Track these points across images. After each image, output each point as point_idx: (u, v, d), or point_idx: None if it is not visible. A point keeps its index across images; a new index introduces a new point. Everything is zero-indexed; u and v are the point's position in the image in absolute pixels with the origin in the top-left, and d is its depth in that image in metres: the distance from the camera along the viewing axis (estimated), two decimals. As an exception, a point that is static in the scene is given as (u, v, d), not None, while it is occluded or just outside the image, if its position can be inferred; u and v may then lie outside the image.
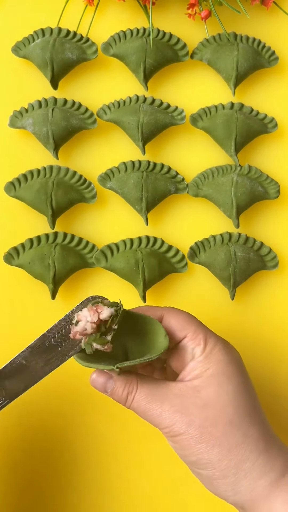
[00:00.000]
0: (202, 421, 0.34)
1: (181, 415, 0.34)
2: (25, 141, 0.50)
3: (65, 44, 0.49)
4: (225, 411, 0.34)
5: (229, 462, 0.33)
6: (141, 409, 0.35)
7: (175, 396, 0.35)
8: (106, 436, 0.47)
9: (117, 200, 0.49)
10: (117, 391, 0.36)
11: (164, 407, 0.34)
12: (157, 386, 0.36)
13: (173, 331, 0.37)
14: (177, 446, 0.35)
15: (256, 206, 0.50)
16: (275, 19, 0.53)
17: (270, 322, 0.49)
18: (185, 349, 0.36)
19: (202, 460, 0.34)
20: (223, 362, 0.36)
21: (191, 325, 0.37)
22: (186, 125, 0.50)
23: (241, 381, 0.36)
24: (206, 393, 0.35)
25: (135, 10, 0.52)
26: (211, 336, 0.37)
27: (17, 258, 0.47)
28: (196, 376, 0.35)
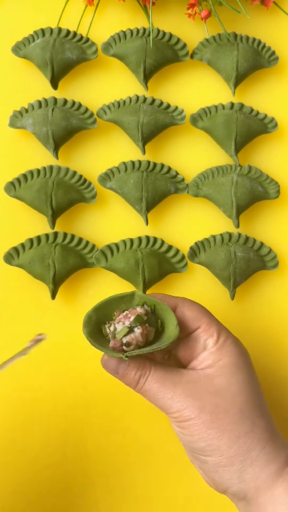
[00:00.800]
0: (213, 407, 0.34)
1: (193, 399, 0.35)
2: (25, 141, 0.50)
3: (65, 44, 0.49)
4: (236, 400, 0.35)
5: (238, 448, 0.34)
6: (152, 392, 0.36)
7: (187, 382, 0.35)
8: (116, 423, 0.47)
9: (117, 200, 0.49)
10: (130, 374, 0.36)
11: (176, 390, 0.35)
12: (170, 370, 0.36)
13: (186, 321, 0.37)
14: (186, 431, 0.35)
15: (256, 206, 0.50)
16: (275, 19, 0.53)
17: (270, 322, 0.49)
18: (197, 340, 0.37)
19: (211, 446, 0.34)
20: (234, 353, 0.37)
21: (205, 317, 0.38)
22: (186, 125, 0.50)
23: (250, 373, 0.37)
24: (218, 381, 0.35)
25: (135, 10, 0.52)
26: (223, 329, 0.38)
27: (17, 258, 0.47)
28: (209, 365, 0.36)
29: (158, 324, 0.37)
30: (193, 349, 0.37)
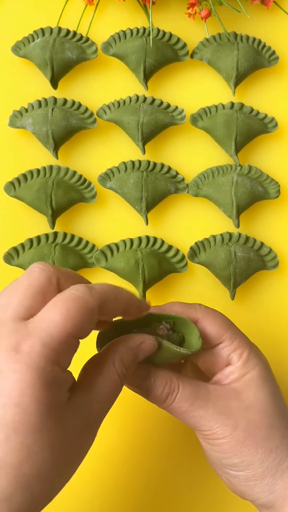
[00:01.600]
0: (246, 424, 0.34)
1: (226, 417, 0.33)
2: (25, 141, 0.50)
3: (65, 44, 0.49)
4: (266, 414, 0.34)
5: (270, 463, 0.34)
6: (182, 411, 0.34)
7: (217, 398, 0.34)
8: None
9: (117, 200, 0.49)
10: (156, 390, 0.34)
11: (207, 409, 0.34)
12: (198, 386, 0.35)
13: (209, 336, 0.36)
14: (217, 448, 0.34)
15: (256, 206, 0.50)
16: (275, 19, 0.53)
17: (271, 322, 0.49)
18: (219, 355, 0.36)
19: (245, 462, 0.34)
20: (258, 366, 0.36)
21: (227, 331, 0.36)
22: (186, 125, 0.50)
23: (274, 384, 0.36)
24: (247, 396, 0.35)
25: (135, 10, 0.52)
26: (245, 340, 0.37)
27: (17, 258, 0.47)
28: (235, 380, 0.35)
29: (180, 339, 0.36)
30: (216, 363, 0.36)
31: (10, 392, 0.26)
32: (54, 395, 0.27)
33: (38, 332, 0.27)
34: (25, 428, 0.26)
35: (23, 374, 0.26)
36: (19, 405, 0.26)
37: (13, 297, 0.29)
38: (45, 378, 0.27)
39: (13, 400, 0.26)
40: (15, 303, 0.29)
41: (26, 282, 0.30)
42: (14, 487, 0.26)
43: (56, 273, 0.31)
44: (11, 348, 0.27)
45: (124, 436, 0.47)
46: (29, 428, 0.26)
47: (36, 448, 0.26)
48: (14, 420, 0.26)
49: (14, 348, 0.27)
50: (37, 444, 0.26)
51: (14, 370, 0.26)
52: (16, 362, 0.26)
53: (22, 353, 0.27)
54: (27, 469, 0.26)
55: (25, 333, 0.27)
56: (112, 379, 0.31)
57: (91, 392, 0.30)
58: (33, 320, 0.28)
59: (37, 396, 0.26)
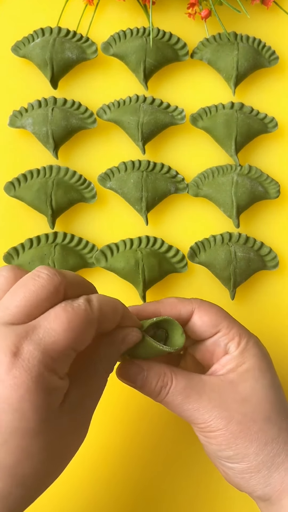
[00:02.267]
0: (241, 416, 0.33)
1: (220, 410, 0.33)
2: (25, 140, 0.50)
3: (65, 44, 0.49)
4: (262, 407, 0.34)
5: (265, 456, 0.33)
6: (176, 404, 0.34)
7: (212, 390, 0.34)
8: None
9: (117, 200, 0.49)
10: (150, 384, 0.34)
11: (201, 402, 0.33)
12: (192, 378, 0.34)
13: (205, 327, 0.36)
14: (212, 441, 0.34)
15: (256, 206, 0.50)
16: (275, 19, 0.53)
17: (271, 322, 0.49)
18: (217, 344, 0.36)
19: (239, 455, 0.33)
20: (256, 356, 0.35)
21: (224, 320, 0.36)
22: (186, 125, 0.50)
23: (273, 376, 0.36)
24: (243, 388, 0.34)
25: (135, 10, 0.52)
26: (243, 330, 0.37)
27: (17, 258, 0.47)
28: (231, 370, 0.35)
29: (166, 335, 0.36)
30: (214, 353, 0.36)
31: (9, 398, 0.26)
32: (51, 400, 0.28)
33: (39, 339, 0.27)
34: (22, 432, 0.27)
35: (22, 380, 0.27)
36: (18, 410, 0.26)
37: (17, 300, 0.29)
38: (43, 385, 0.27)
39: (12, 406, 0.26)
40: (19, 307, 0.29)
41: (33, 288, 0.30)
42: (11, 486, 0.27)
43: (64, 283, 0.30)
44: (10, 352, 0.27)
45: (121, 430, 0.47)
46: (27, 432, 0.27)
47: (33, 450, 0.27)
48: (12, 425, 0.27)
49: (13, 352, 0.27)
50: (33, 446, 0.27)
51: (14, 376, 0.27)
52: (15, 368, 0.27)
53: (21, 359, 0.27)
54: (24, 469, 0.27)
55: (25, 338, 0.27)
56: (99, 375, 0.32)
57: (81, 392, 0.31)
58: (34, 327, 0.28)
59: (35, 402, 0.27)
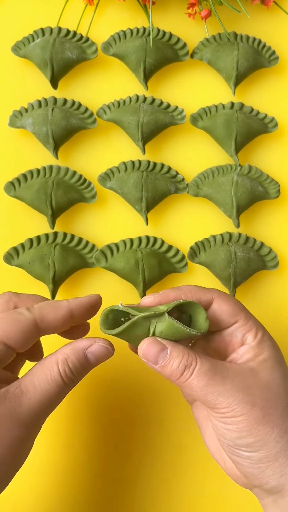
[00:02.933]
0: (264, 401, 0.33)
1: (244, 394, 0.33)
2: (25, 141, 0.50)
3: (65, 44, 0.49)
4: (281, 394, 0.34)
5: (285, 443, 0.33)
6: (200, 386, 0.33)
7: (235, 375, 0.34)
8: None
9: (117, 200, 0.49)
10: (172, 363, 0.33)
11: (226, 385, 0.33)
12: (216, 362, 0.34)
13: (224, 316, 0.36)
14: (233, 427, 0.33)
15: (256, 206, 0.50)
16: (275, 19, 0.53)
17: (271, 322, 0.49)
18: (234, 335, 0.36)
19: (260, 441, 0.33)
20: (272, 347, 0.36)
21: (242, 312, 0.37)
22: (186, 125, 0.50)
23: (286, 366, 0.36)
24: (263, 375, 0.35)
25: (135, 10, 0.52)
26: (259, 323, 0.37)
27: (17, 258, 0.47)
28: (249, 359, 0.35)
29: (189, 319, 0.36)
30: (230, 343, 0.36)
31: None
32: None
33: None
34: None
35: None
36: None
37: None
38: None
39: None
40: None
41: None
42: None
43: (14, 300, 0.37)
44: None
45: (118, 428, 0.47)
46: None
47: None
48: None
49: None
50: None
51: None
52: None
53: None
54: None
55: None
56: (53, 379, 0.33)
57: (27, 389, 0.32)
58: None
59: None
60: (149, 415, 0.47)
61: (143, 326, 0.34)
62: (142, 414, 0.47)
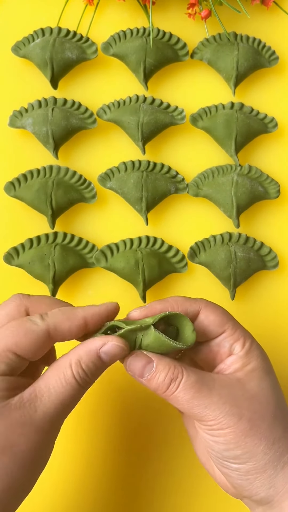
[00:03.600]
0: (251, 413, 0.33)
1: (231, 406, 0.33)
2: (25, 141, 0.50)
3: (65, 44, 0.49)
4: (269, 406, 0.34)
5: (273, 455, 0.33)
6: (186, 399, 0.33)
7: (221, 387, 0.34)
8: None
9: (117, 200, 0.49)
10: (158, 376, 0.33)
11: (212, 397, 0.33)
12: (202, 374, 0.34)
13: (211, 325, 0.36)
14: (220, 439, 0.33)
15: (256, 206, 0.50)
16: (275, 19, 0.53)
17: (271, 322, 0.49)
18: (222, 345, 0.36)
19: (248, 453, 0.33)
20: (260, 357, 0.36)
21: (229, 321, 0.36)
22: (186, 125, 0.50)
23: (275, 376, 0.36)
24: (251, 387, 0.34)
25: (135, 10, 0.52)
26: (246, 332, 0.37)
27: (17, 258, 0.47)
28: (237, 370, 0.35)
29: (176, 332, 0.35)
30: (218, 353, 0.36)
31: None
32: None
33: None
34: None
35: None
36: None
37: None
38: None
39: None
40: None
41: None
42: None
43: (25, 303, 0.36)
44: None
45: (118, 439, 0.47)
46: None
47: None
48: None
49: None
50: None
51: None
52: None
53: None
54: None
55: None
56: (67, 382, 0.32)
57: (41, 394, 0.32)
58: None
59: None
60: (168, 425, 0.47)
61: (130, 339, 0.34)
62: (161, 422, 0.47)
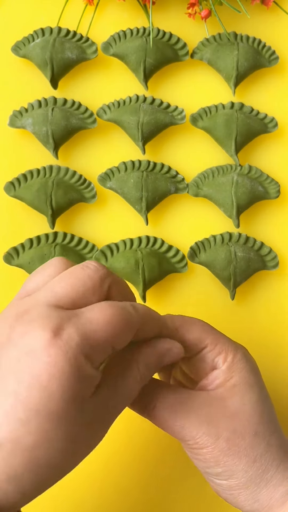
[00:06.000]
0: (230, 433, 0.33)
1: (208, 426, 0.33)
2: (25, 141, 0.50)
3: (65, 44, 0.49)
4: (250, 422, 0.33)
5: (254, 472, 0.33)
6: (163, 420, 0.33)
7: (200, 407, 0.33)
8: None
9: (117, 200, 0.49)
10: (136, 399, 0.33)
11: (190, 418, 0.33)
12: (180, 394, 0.34)
13: (190, 341, 0.35)
14: (200, 457, 0.33)
15: (256, 206, 0.50)
16: (276, 19, 0.53)
17: (271, 322, 0.49)
18: (204, 360, 0.35)
19: (228, 472, 0.33)
20: (244, 370, 0.35)
21: (209, 335, 0.35)
22: (186, 125, 0.50)
23: (261, 389, 0.35)
24: (231, 403, 0.34)
25: (135, 10, 0.52)
26: (230, 343, 0.36)
27: (17, 258, 0.47)
28: (220, 385, 0.34)
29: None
30: (201, 369, 0.35)
31: (40, 374, 0.26)
32: (80, 388, 0.27)
33: (80, 325, 0.28)
34: (46, 414, 0.26)
35: (57, 360, 0.26)
36: (46, 389, 0.26)
37: (64, 284, 0.30)
38: (77, 369, 0.27)
39: (41, 383, 0.26)
40: (64, 291, 0.29)
41: (80, 275, 0.30)
42: (25, 468, 0.27)
43: (110, 279, 0.31)
44: (51, 331, 0.27)
45: (120, 440, 0.47)
46: (51, 414, 0.26)
47: (52, 435, 0.27)
48: (38, 403, 0.26)
49: (54, 332, 0.27)
50: (54, 432, 0.27)
51: (49, 354, 0.26)
52: (52, 346, 0.26)
53: (60, 339, 0.27)
54: (40, 454, 0.27)
55: (67, 321, 0.27)
56: (134, 381, 0.32)
57: (112, 391, 0.30)
58: (77, 313, 0.28)
59: (65, 385, 0.26)
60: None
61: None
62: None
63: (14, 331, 0.28)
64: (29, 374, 0.26)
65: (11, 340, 0.27)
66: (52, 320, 0.27)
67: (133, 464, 0.47)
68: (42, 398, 0.26)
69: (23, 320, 0.28)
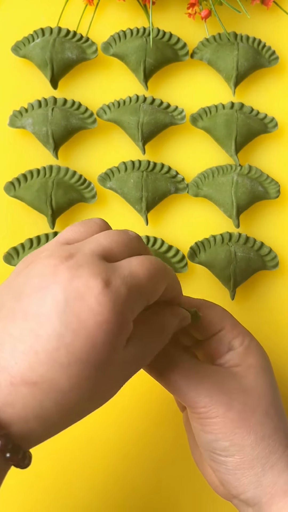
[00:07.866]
0: (242, 405, 0.33)
1: (222, 396, 0.33)
2: (25, 140, 0.50)
3: (65, 44, 0.49)
4: (262, 401, 0.34)
5: (261, 451, 0.33)
6: (178, 385, 0.34)
7: (216, 377, 0.34)
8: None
9: (117, 200, 0.49)
10: (154, 360, 0.34)
11: (204, 385, 0.33)
12: (197, 363, 0.35)
13: (211, 322, 0.36)
14: (209, 429, 0.33)
15: (256, 206, 0.50)
16: (276, 19, 0.53)
17: (270, 322, 0.49)
18: (221, 341, 0.36)
19: (236, 446, 0.33)
20: (259, 355, 0.36)
21: (229, 319, 0.37)
22: (186, 125, 0.50)
23: (273, 376, 0.36)
24: (245, 381, 0.34)
25: (135, 10, 0.52)
26: (246, 330, 0.37)
27: (17, 258, 0.47)
28: (235, 364, 0.35)
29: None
30: (217, 350, 0.36)
31: (87, 321, 0.26)
32: (120, 340, 0.28)
33: (125, 278, 0.28)
34: (87, 361, 0.27)
35: (106, 310, 0.27)
36: (91, 338, 0.27)
37: (109, 238, 0.31)
38: (121, 320, 0.27)
39: (87, 331, 0.26)
40: (109, 246, 0.30)
41: (124, 236, 0.32)
42: (55, 410, 0.27)
43: (145, 249, 0.33)
44: (102, 280, 0.27)
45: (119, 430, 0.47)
46: (91, 362, 0.27)
47: (87, 384, 0.27)
48: (82, 350, 0.26)
49: (105, 282, 0.27)
50: (89, 380, 0.27)
51: (99, 303, 0.27)
52: (104, 296, 0.27)
53: (110, 290, 0.27)
54: (72, 399, 0.27)
55: (113, 273, 0.28)
56: (158, 339, 0.32)
57: (139, 347, 0.31)
58: (120, 267, 0.29)
59: (109, 335, 0.27)
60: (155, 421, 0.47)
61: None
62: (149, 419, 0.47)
63: (61, 272, 0.27)
64: (77, 319, 0.26)
65: (57, 279, 0.27)
66: (102, 270, 0.28)
67: (132, 452, 0.47)
68: (87, 345, 0.26)
69: (69, 264, 0.28)
